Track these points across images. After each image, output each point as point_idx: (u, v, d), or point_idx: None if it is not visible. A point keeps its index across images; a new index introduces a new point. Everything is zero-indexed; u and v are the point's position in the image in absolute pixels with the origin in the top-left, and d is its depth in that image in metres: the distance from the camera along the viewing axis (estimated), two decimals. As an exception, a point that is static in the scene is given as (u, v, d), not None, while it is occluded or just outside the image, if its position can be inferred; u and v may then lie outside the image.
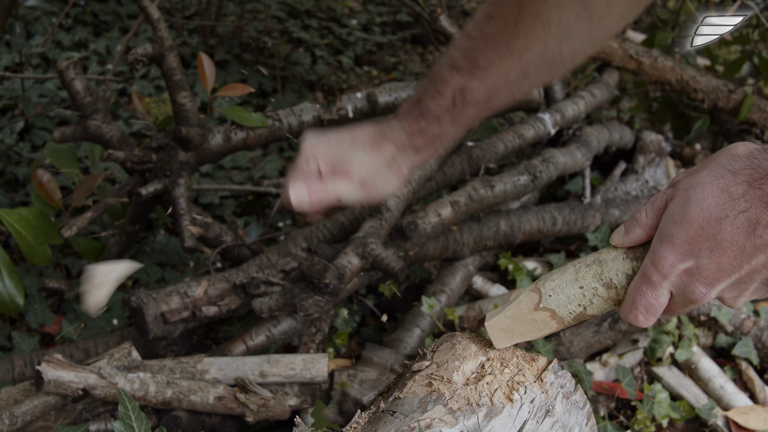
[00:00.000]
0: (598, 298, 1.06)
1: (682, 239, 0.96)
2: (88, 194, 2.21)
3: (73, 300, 2.25)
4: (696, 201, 0.95)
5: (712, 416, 2.02)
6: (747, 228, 0.92)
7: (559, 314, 1.08)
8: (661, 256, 0.98)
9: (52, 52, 4.10)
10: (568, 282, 1.08)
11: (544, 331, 1.11)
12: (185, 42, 4.45)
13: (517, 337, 1.13)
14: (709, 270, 0.95)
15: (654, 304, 1.00)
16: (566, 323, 1.09)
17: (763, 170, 0.93)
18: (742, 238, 0.92)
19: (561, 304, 1.08)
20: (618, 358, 2.15)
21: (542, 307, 1.08)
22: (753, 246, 0.92)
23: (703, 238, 0.94)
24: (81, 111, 2.03)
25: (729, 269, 0.95)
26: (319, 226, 2.27)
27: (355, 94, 2.35)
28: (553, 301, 1.08)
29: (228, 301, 1.90)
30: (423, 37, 5.12)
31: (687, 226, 0.95)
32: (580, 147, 2.56)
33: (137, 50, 1.95)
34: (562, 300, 1.08)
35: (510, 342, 1.13)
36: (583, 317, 1.08)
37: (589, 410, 1.18)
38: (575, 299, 1.07)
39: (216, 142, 2.14)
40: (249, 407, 1.75)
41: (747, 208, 0.92)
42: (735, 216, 0.93)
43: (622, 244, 1.06)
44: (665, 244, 0.97)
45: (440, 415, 1.02)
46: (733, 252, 0.93)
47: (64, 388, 1.61)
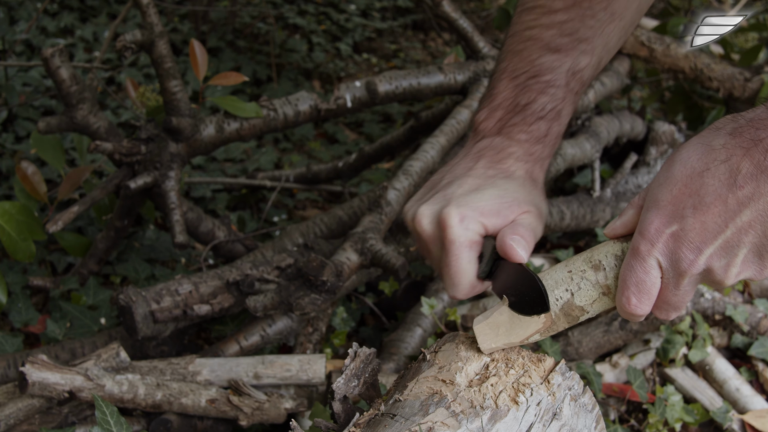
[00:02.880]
0: (586, 282, 1.05)
1: (667, 200, 0.95)
2: (75, 188, 2.21)
3: (58, 298, 2.25)
4: (679, 160, 0.95)
5: (727, 420, 2.02)
6: (728, 178, 0.91)
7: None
8: (647, 223, 0.97)
9: (37, 39, 4.10)
10: (558, 269, 1.08)
11: (531, 326, 1.08)
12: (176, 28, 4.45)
13: (503, 337, 1.10)
14: (694, 231, 0.94)
15: (644, 279, 0.99)
16: (554, 315, 1.07)
17: (744, 120, 0.92)
18: (725, 190, 0.91)
19: (548, 289, 1.06)
20: (629, 359, 2.15)
21: None
22: (736, 200, 0.91)
23: (687, 195, 0.93)
24: (67, 100, 2.03)
25: (714, 228, 0.93)
26: (316, 220, 2.27)
27: (353, 83, 2.35)
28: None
29: (221, 300, 1.90)
30: (424, 23, 5.11)
31: (671, 186, 0.95)
32: (589, 138, 2.55)
33: (126, 37, 1.95)
34: (549, 285, 1.07)
35: (495, 342, 1.11)
36: (571, 309, 1.07)
37: (598, 413, 1.18)
38: (562, 283, 1.06)
39: (208, 133, 2.14)
40: (243, 410, 1.75)
41: (728, 158, 0.91)
42: (716, 167, 0.91)
43: (614, 230, 1.05)
44: (651, 209, 0.97)
45: (442, 419, 1.02)
46: (716, 208, 0.92)
47: (49, 391, 1.60)
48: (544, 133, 1.16)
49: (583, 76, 1.16)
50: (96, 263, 2.32)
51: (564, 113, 1.16)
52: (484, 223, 1.08)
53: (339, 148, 3.56)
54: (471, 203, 1.09)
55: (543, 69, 1.13)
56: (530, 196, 1.14)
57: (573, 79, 1.14)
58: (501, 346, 1.11)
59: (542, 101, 1.13)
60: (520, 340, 1.10)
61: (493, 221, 1.09)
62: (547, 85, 1.13)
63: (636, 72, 3.32)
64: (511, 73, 1.17)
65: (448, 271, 1.09)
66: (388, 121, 3.90)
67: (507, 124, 1.15)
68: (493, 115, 1.16)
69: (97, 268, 2.33)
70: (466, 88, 2.45)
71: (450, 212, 1.07)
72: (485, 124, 1.17)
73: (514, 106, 1.15)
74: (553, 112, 1.14)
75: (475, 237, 1.08)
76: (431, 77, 2.42)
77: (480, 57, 2.52)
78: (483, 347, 1.12)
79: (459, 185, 1.12)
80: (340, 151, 3.51)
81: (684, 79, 2.98)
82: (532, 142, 1.15)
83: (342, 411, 1.17)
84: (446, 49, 4.77)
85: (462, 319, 2.19)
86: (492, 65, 2.46)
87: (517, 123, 1.15)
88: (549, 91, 1.13)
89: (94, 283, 2.24)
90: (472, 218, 1.07)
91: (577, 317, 1.07)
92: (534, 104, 1.14)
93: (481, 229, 1.09)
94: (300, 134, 3.63)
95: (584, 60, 1.14)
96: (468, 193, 1.11)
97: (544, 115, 1.14)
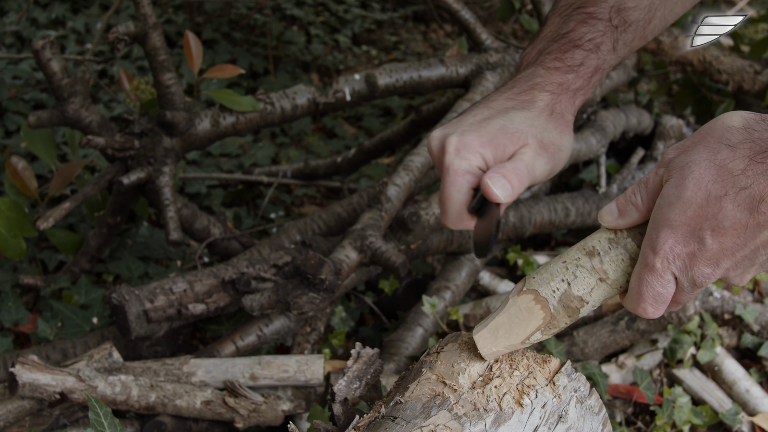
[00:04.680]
0: (581, 270, 1.06)
1: (681, 221, 0.96)
2: (67, 183, 2.21)
3: (49, 297, 2.24)
4: (693, 180, 0.95)
5: (736, 422, 2.02)
6: (750, 205, 0.92)
7: (542, 295, 1.07)
8: (661, 241, 0.97)
9: (27, 31, 4.09)
10: (554, 262, 1.09)
11: (530, 323, 1.08)
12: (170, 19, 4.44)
13: (503, 339, 1.10)
14: (712, 251, 0.95)
15: (662, 292, 1.01)
16: (552, 309, 1.07)
17: (764, 143, 0.93)
18: (745, 216, 0.92)
19: (543, 282, 1.07)
20: (636, 360, 2.15)
21: (525, 290, 1.08)
22: (756, 223, 0.92)
23: (703, 218, 0.94)
24: (58, 94, 2.03)
25: (733, 248, 0.95)
26: (314, 217, 2.27)
27: (352, 76, 2.34)
28: (536, 281, 1.08)
29: (216, 299, 1.90)
30: (425, 14, 5.11)
31: (685, 207, 0.95)
32: (594, 132, 2.55)
33: (118, 28, 1.94)
34: (545, 278, 1.07)
35: (496, 345, 1.10)
36: (570, 300, 1.06)
37: (604, 416, 1.18)
38: (558, 274, 1.07)
39: (203, 127, 2.14)
40: (239, 412, 1.75)
41: (749, 185, 0.92)
42: (736, 193, 0.92)
43: (617, 226, 1.06)
44: (663, 228, 0.97)
45: (445, 421, 1.02)
46: (736, 231, 0.93)
47: (40, 392, 1.60)
48: (579, 62, 1.17)
49: (630, 15, 1.17)
50: (88, 261, 2.31)
51: (604, 48, 1.17)
52: (483, 155, 1.11)
53: (338, 142, 3.56)
54: (474, 132, 1.12)
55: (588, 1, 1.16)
56: (540, 128, 1.15)
57: (617, 15, 1.16)
58: (503, 349, 1.11)
59: (581, 30, 1.15)
60: (521, 340, 1.10)
61: (492, 152, 1.11)
62: (588, 16, 1.15)
63: (643, 64, 3.31)
64: (559, 10, 1.21)
65: (441, 197, 1.13)
66: (388, 115, 3.89)
67: (543, 52, 1.18)
68: (535, 47, 1.20)
69: (89, 266, 2.33)
70: (468, 81, 2.45)
71: (451, 139, 1.11)
72: (527, 57, 1.21)
73: (554, 35, 1.18)
74: (591, 42, 1.16)
75: (470, 167, 1.11)
76: (432, 70, 2.41)
77: (483, 49, 2.52)
78: (485, 354, 1.12)
79: (474, 114, 1.16)
80: (339, 146, 3.51)
81: (692, 72, 2.98)
82: (564, 70, 1.17)
83: (342, 413, 1.17)
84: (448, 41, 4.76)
85: (464, 318, 2.19)
86: (495, 58, 2.46)
87: (553, 50, 1.17)
88: (590, 21, 1.15)
89: (86, 281, 2.24)
90: (470, 148, 1.10)
91: (577, 309, 1.07)
92: (572, 33, 1.16)
93: (479, 160, 1.11)
94: (298, 128, 3.63)
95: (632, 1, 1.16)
96: (478, 123, 1.14)
97: (582, 44, 1.16)
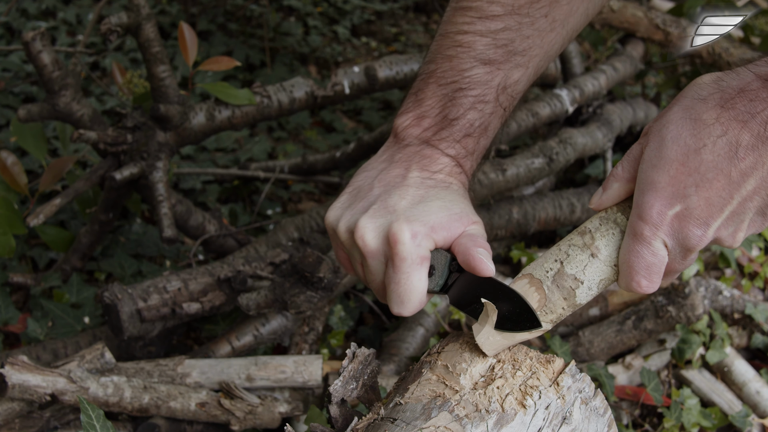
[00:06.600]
0: (573, 248, 1.09)
1: (665, 182, 0.97)
2: (57, 179, 2.21)
3: (39, 295, 2.24)
4: (670, 138, 0.97)
5: (747, 424, 2.03)
6: (728, 152, 0.94)
7: (536, 276, 1.10)
8: (647, 206, 0.99)
9: (17, 22, 4.09)
10: (549, 249, 1.12)
11: None
12: (164, 10, 4.44)
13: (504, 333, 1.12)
14: (699, 208, 0.97)
15: (653, 261, 1.02)
16: (546, 289, 1.10)
17: (732, 89, 0.95)
18: (726, 164, 0.94)
19: (538, 265, 1.11)
20: (643, 360, 2.15)
21: (521, 275, 1.11)
22: (739, 171, 0.94)
23: (686, 174, 0.96)
24: (49, 87, 2.02)
25: (720, 202, 0.96)
26: (312, 214, 2.27)
27: (352, 68, 2.34)
28: (531, 266, 1.11)
29: (211, 297, 1.90)
30: (426, 4, 5.10)
31: (667, 167, 0.97)
32: (601, 126, 2.55)
33: (111, 19, 1.94)
34: (540, 261, 1.11)
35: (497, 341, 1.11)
36: (563, 279, 1.09)
37: (610, 418, 1.18)
38: (552, 256, 1.10)
39: (198, 121, 2.14)
40: (235, 414, 1.75)
41: (724, 132, 0.94)
42: (713, 143, 0.94)
43: (600, 203, 1.08)
44: (648, 192, 0.99)
45: (446, 423, 1.02)
46: (720, 182, 0.95)
47: (30, 394, 1.60)
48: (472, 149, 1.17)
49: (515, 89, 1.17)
50: (79, 259, 2.31)
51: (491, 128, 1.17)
52: (435, 238, 1.09)
53: (336, 137, 3.56)
54: (420, 217, 1.09)
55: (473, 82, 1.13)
56: (471, 207, 1.17)
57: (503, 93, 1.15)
58: (505, 343, 1.12)
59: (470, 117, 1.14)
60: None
61: (443, 235, 1.10)
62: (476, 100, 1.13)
63: (650, 57, 3.31)
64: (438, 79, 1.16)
65: (397, 289, 1.09)
66: (388, 108, 3.89)
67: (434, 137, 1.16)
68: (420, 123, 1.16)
69: (81, 264, 2.33)
70: (470, 73, 2.45)
71: (401, 228, 1.06)
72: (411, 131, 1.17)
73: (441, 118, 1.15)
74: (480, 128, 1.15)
75: (425, 253, 1.09)
76: (434, 62, 2.41)
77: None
78: (486, 350, 1.13)
79: (400, 196, 1.11)
80: (338, 141, 3.51)
81: (701, 65, 2.97)
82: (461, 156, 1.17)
83: (339, 415, 1.17)
84: (450, 33, 4.75)
85: (466, 318, 2.19)
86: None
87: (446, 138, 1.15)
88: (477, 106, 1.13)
89: (78, 279, 2.24)
90: (423, 234, 1.08)
91: (572, 290, 1.09)
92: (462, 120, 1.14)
93: (432, 244, 1.09)
94: (295, 122, 3.63)
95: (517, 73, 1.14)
96: (413, 206, 1.10)
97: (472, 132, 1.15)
